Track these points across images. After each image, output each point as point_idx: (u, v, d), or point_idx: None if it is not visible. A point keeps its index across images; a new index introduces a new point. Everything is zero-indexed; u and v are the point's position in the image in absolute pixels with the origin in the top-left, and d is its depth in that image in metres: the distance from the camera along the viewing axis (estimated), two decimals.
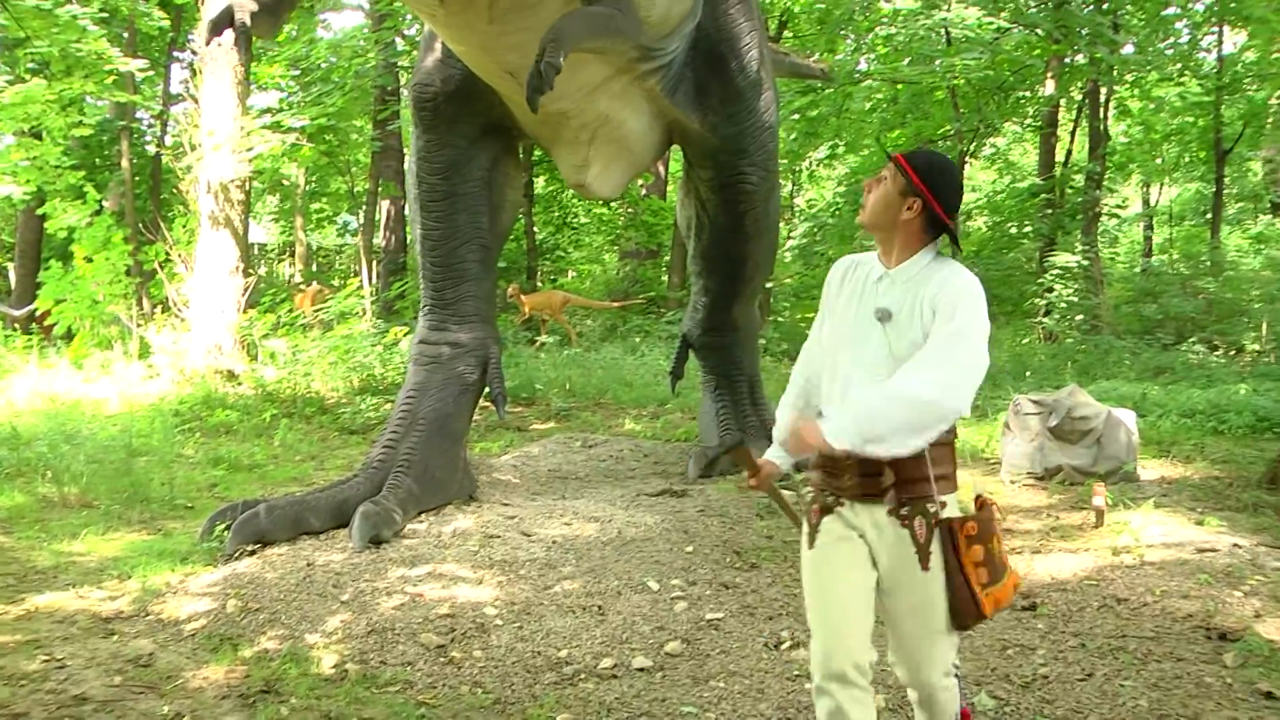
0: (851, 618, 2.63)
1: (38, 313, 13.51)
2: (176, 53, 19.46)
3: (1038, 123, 20.23)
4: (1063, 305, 17.05)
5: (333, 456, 8.23)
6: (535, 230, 20.28)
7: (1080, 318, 17.03)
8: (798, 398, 2.91)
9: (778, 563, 5.22)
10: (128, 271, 13.43)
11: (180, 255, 12.60)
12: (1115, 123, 23.38)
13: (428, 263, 6.37)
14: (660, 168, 20.31)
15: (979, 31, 14.49)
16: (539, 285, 19.65)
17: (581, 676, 3.88)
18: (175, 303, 12.26)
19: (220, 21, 4.10)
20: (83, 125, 11.35)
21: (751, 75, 6.60)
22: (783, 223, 19.91)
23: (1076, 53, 17.37)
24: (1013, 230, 20.87)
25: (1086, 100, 19.61)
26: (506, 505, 6.12)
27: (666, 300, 18.79)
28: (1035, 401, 7.24)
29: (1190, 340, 16.34)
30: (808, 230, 19.92)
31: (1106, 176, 20.64)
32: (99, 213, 13.46)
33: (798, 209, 25.82)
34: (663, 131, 6.65)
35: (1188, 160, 25.14)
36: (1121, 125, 23.92)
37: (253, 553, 5.10)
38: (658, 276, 20.83)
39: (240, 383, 10.89)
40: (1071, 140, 21.06)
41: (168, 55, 18.90)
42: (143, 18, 12.65)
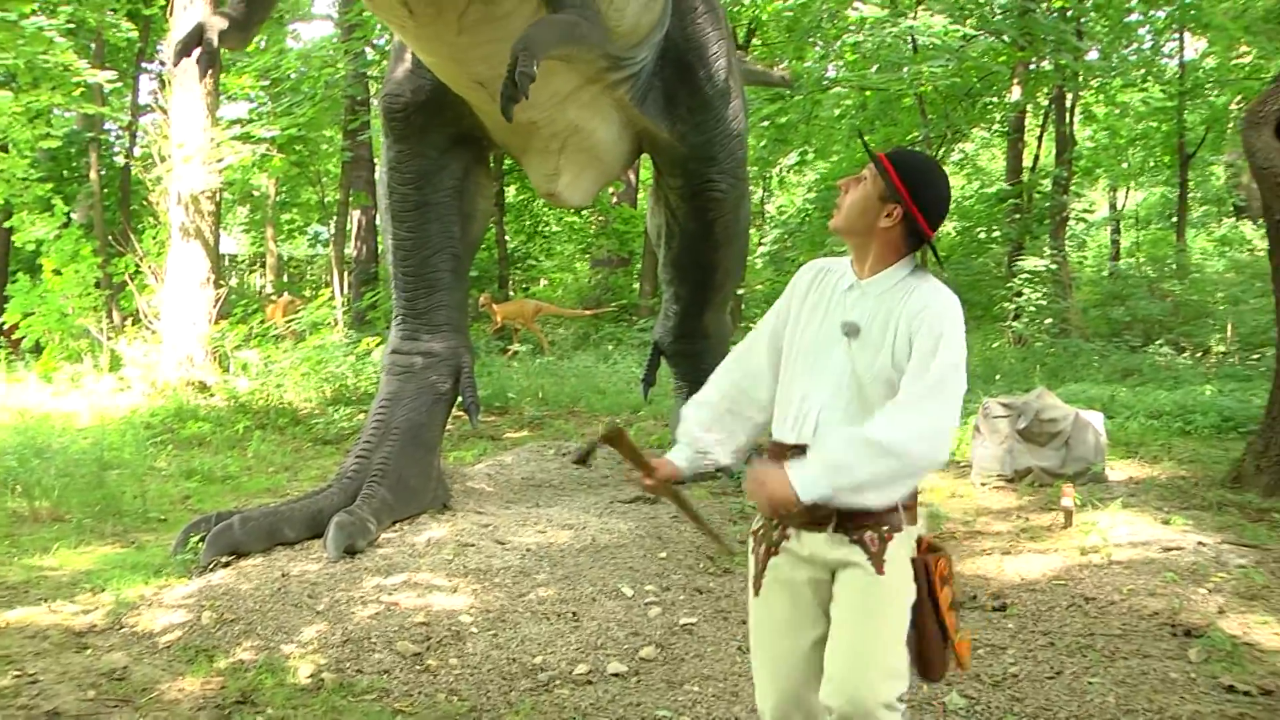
0: (804, 679, 2.51)
1: (5, 326, 13.42)
2: (145, 64, 19.38)
3: (1005, 128, 20.41)
4: (1031, 309, 17.20)
5: (306, 467, 8.22)
6: (507, 239, 20.31)
7: (1049, 321, 17.19)
8: (720, 402, 2.68)
9: None
10: (97, 284, 13.37)
11: (151, 267, 12.56)
12: (1081, 128, 23.63)
13: (400, 272, 6.38)
14: (631, 176, 20.36)
15: (945, 39, 14.62)
16: (511, 294, 19.68)
17: (557, 683, 3.90)
18: (146, 315, 12.21)
19: (189, 41, 4.10)
20: (50, 137, 11.27)
21: (720, 84, 6.65)
22: (753, 229, 20.00)
23: (1042, 59, 17.56)
24: (981, 235, 21.04)
25: (1052, 106, 19.83)
26: (481, 514, 6.14)
27: (638, 308, 18.85)
28: (1004, 404, 7.32)
29: (1157, 342, 16.53)
30: (778, 237, 20.03)
31: (1073, 181, 20.87)
32: (67, 225, 13.40)
33: (768, 215, 25.94)
34: (632, 140, 6.69)
35: (1152, 165, 25.42)
36: (1087, 130, 24.19)
37: (227, 564, 5.09)
38: (629, 284, 20.89)
39: (212, 394, 10.86)
40: (1039, 145, 21.28)
41: (136, 66, 18.80)
42: (111, 29, 12.60)
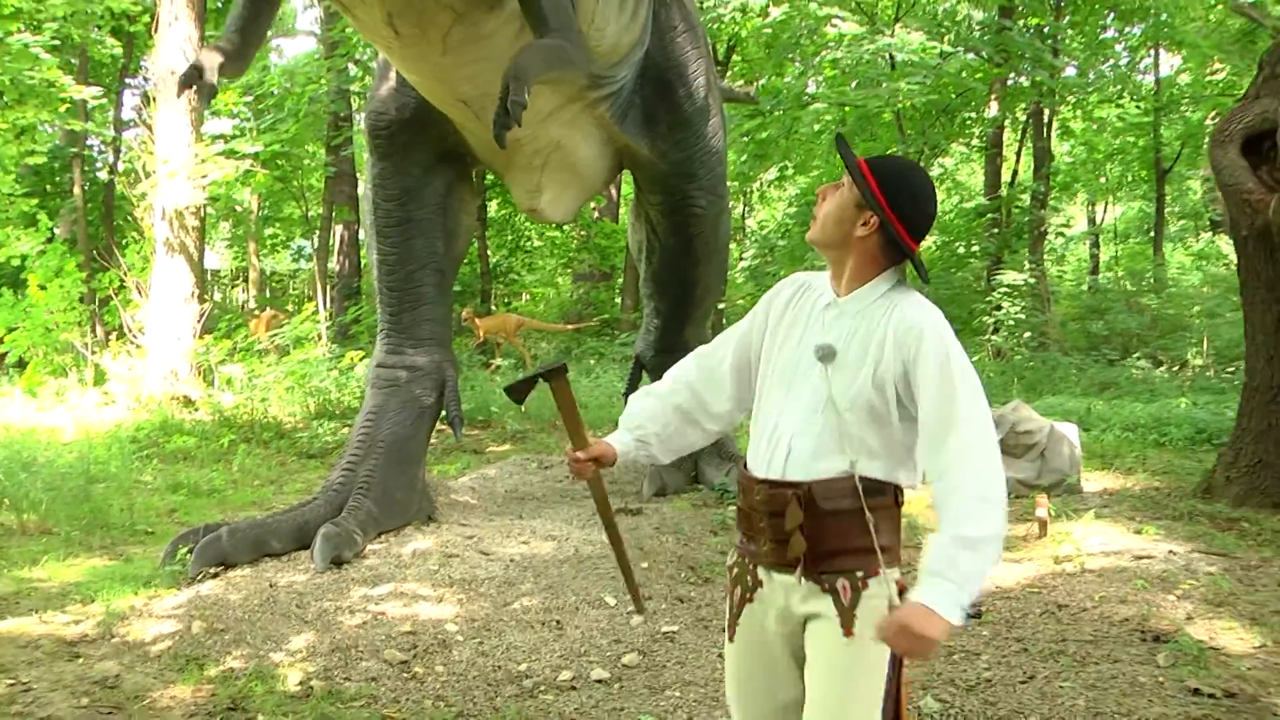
0: None
1: None
2: (128, 79, 19.43)
3: (983, 144, 20.63)
4: (1010, 323, 17.38)
5: (291, 480, 8.28)
6: (489, 254, 20.39)
7: (1028, 335, 17.38)
8: (669, 397, 2.52)
9: None
10: (81, 299, 13.40)
11: (135, 282, 12.59)
12: (1059, 143, 23.92)
13: (384, 288, 6.47)
14: (612, 191, 20.50)
15: (923, 56, 14.81)
16: (493, 309, 19.75)
17: (541, 689, 3.99)
18: (130, 329, 12.24)
19: (190, 76, 4.19)
20: (36, 154, 11.33)
21: (699, 102, 6.77)
22: (734, 244, 20.18)
23: (1019, 76, 17.78)
24: (960, 249, 21.24)
25: (1030, 121, 20.08)
26: (465, 525, 6.22)
27: (620, 322, 18.95)
28: None
29: (1134, 355, 16.75)
30: (759, 251, 20.20)
31: (1051, 196, 21.11)
32: (51, 240, 13.43)
33: (749, 230, 26.12)
34: (613, 157, 6.80)
35: (1130, 179, 25.75)
36: (1065, 145, 24.48)
37: (215, 575, 5.16)
38: (611, 299, 20.99)
39: (197, 408, 10.91)
40: (1017, 160, 21.53)
41: (119, 82, 18.86)
42: (96, 45, 12.66)
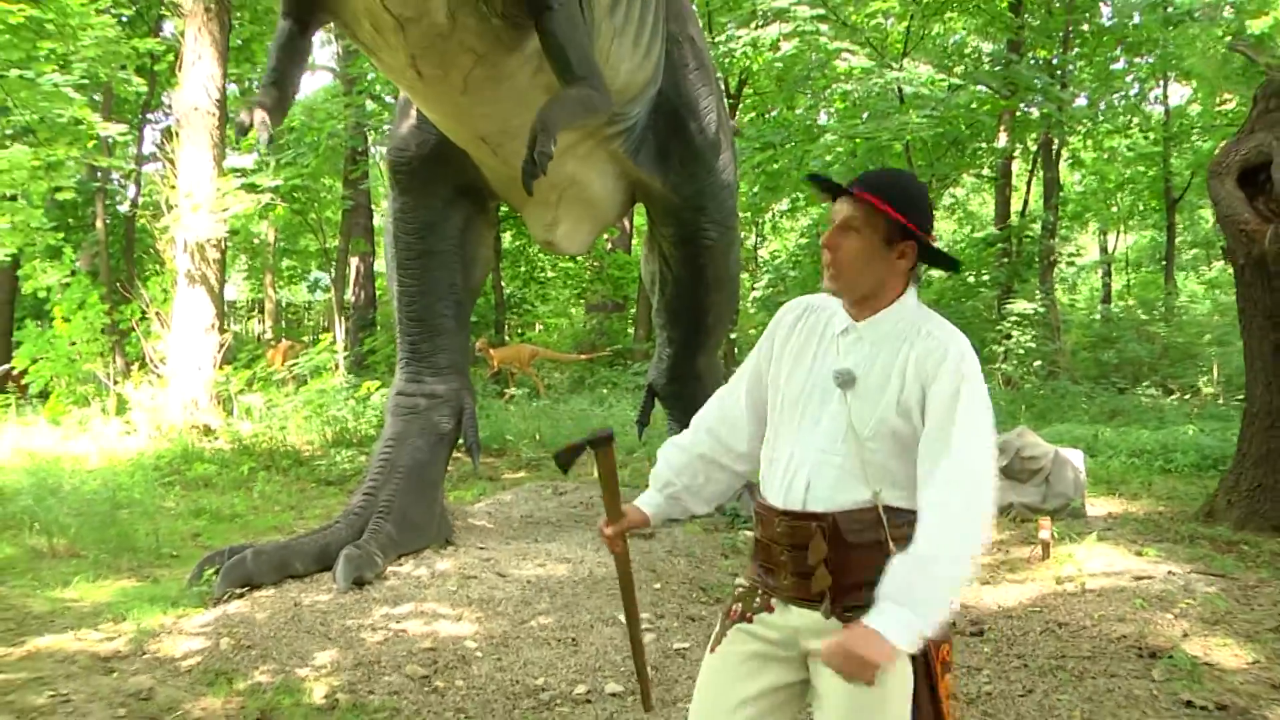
0: None
1: (14, 371, 13.70)
2: (149, 114, 19.80)
3: (994, 174, 20.82)
4: (1020, 352, 17.51)
5: (311, 506, 8.46)
6: (503, 285, 20.63)
7: (1038, 363, 17.51)
8: (694, 446, 2.46)
9: None
10: (104, 330, 13.66)
11: (157, 313, 12.84)
12: (1069, 172, 24.12)
13: (404, 318, 6.67)
14: (625, 222, 20.76)
15: (932, 88, 15.04)
16: (507, 339, 19.97)
17: (557, 702, 4.14)
18: (152, 360, 12.48)
19: (244, 125, 4.49)
20: (67, 189, 11.63)
21: (710, 137, 6.98)
22: (746, 274, 20.39)
23: (1029, 107, 18.00)
24: (970, 279, 21.40)
25: (1040, 151, 20.27)
26: (482, 548, 6.38)
27: (633, 352, 19.15)
28: None
29: (1144, 384, 16.87)
30: (771, 281, 20.40)
31: (1062, 225, 21.30)
32: (74, 273, 13.72)
33: (761, 260, 26.33)
34: (627, 191, 7.01)
35: (1141, 208, 25.92)
36: (1077, 175, 24.68)
37: (241, 595, 5.34)
38: (624, 329, 21.21)
39: (216, 437, 11.11)
40: (1028, 190, 21.72)
41: (141, 117, 19.22)
42: (122, 84, 12.99)
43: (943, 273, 23.05)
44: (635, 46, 5.88)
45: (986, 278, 20.58)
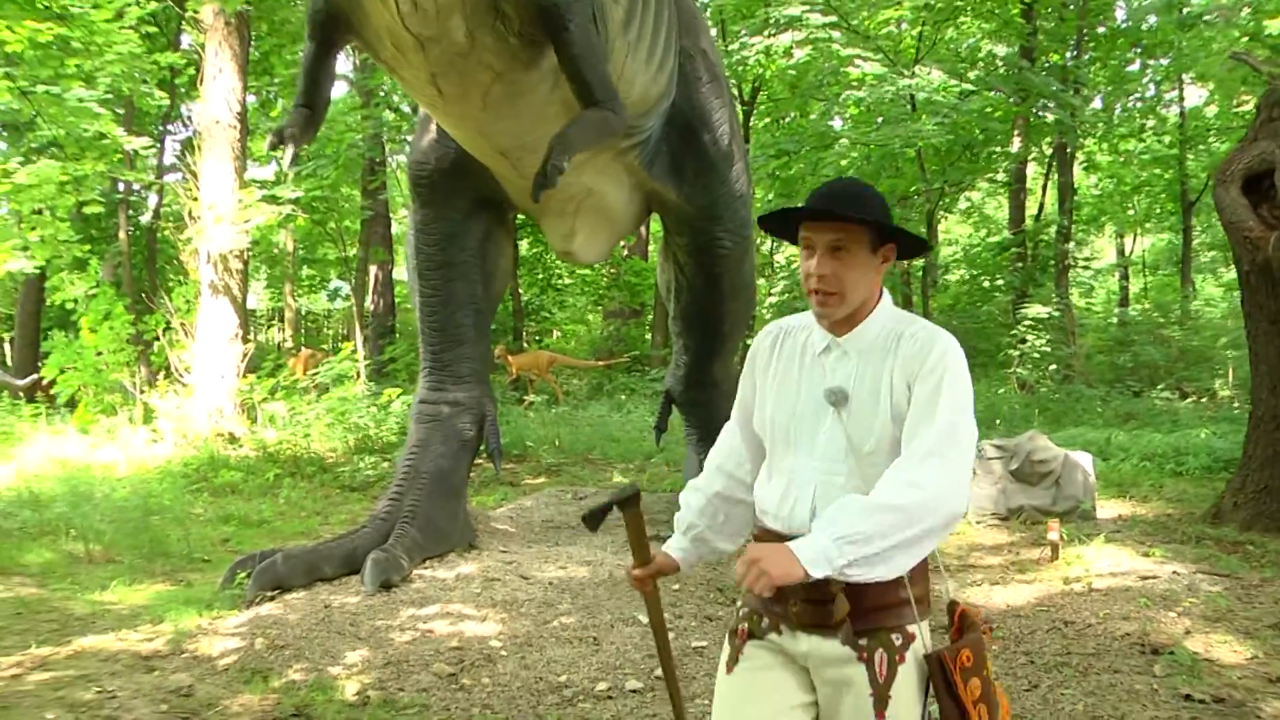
0: None
1: (43, 381, 13.96)
2: (169, 125, 20.08)
3: (1008, 179, 20.91)
4: (1035, 355, 17.60)
5: (336, 512, 8.66)
6: (521, 292, 20.83)
7: (1053, 367, 17.59)
8: (709, 485, 2.47)
9: None
10: (130, 340, 13.90)
11: (181, 323, 13.08)
12: (1085, 176, 24.16)
13: (426, 327, 6.85)
14: (642, 230, 20.93)
15: (944, 95, 15.17)
16: (525, 346, 20.17)
17: (580, 698, 4.31)
18: (176, 369, 12.71)
19: (275, 140, 4.73)
20: (93, 203, 11.88)
21: (723, 148, 7.13)
22: (763, 280, 20.52)
23: (1041, 113, 18.09)
24: (985, 284, 21.50)
25: (1054, 156, 20.35)
26: (505, 552, 6.56)
27: (650, 358, 19.33)
28: (997, 446, 7.74)
29: (1159, 387, 16.93)
30: (787, 287, 20.52)
31: (1078, 229, 21.36)
32: (101, 284, 13.98)
33: (778, 266, 26.46)
34: (642, 201, 7.17)
35: (1158, 211, 25.92)
36: (1092, 178, 24.70)
37: (272, 598, 5.52)
38: (641, 335, 21.38)
39: (241, 445, 11.32)
40: (1043, 194, 21.80)
41: (162, 129, 19.50)
42: (144, 98, 13.24)
43: (963, 278, 23.35)
44: (649, 61, 6.04)
45: (1001, 282, 20.69)
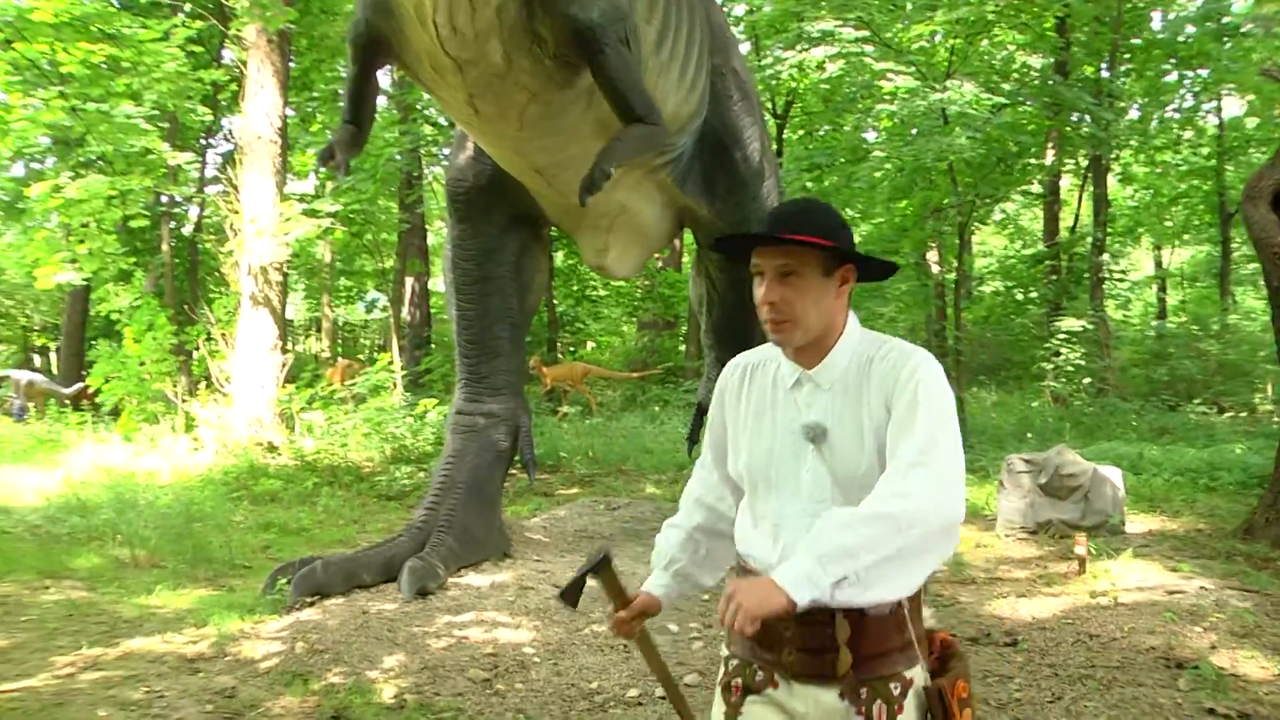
0: None
1: (88, 390, 14.28)
2: (210, 138, 20.46)
3: (1042, 191, 20.85)
4: (1069, 369, 17.54)
5: (373, 520, 8.82)
6: (556, 303, 21.00)
7: (1087, 381, 17.52)
8: (688, 521, 2.36)
9: None
10: (172, 350, 14.19)
11: (222, 333, 13.32)
12: (1121, 187, 24.04)
13: (463, 340, 7.00)
14: (676, 241, 21.04)
15: (976, 108, 15.17)
16: (560, 357, 20.33)
17: (611, 704, 4.42)
18: (217, 379, 12.95)
19: (326, 154, 4.95)
20: (139, 216, 12.17)
21: (754, 165, 7.24)
22: None
23: (1079, 123, 18.03)
24: (1019, 296, 21.44)
25: (1090, 168, 20.27)
26: (539, 561, 6.68)
27: (684, 370, 19.42)
28: (1026, 460, 7.78)
29: (1195, 401, 16.82)
30: None
31: (1114, 241, 21.25)
32: (144, 295, 14.29)
33: None
34: (675, 217, 7.29)
35: (1196, 223, 25.72)
36: (1129, 189, 24.56)
37: (312, 603, 5.67)
38: (675, 347, 21.48)
39: (280, 453, 11.52)
40: (1078, 206, 21.72)
41: (204, 142, 19.87)
42: (188, 114, 13.54)
43: (994, 291, 23.28)
44: (681, 80, 6.17)
45: (1035, 295, 20.63)
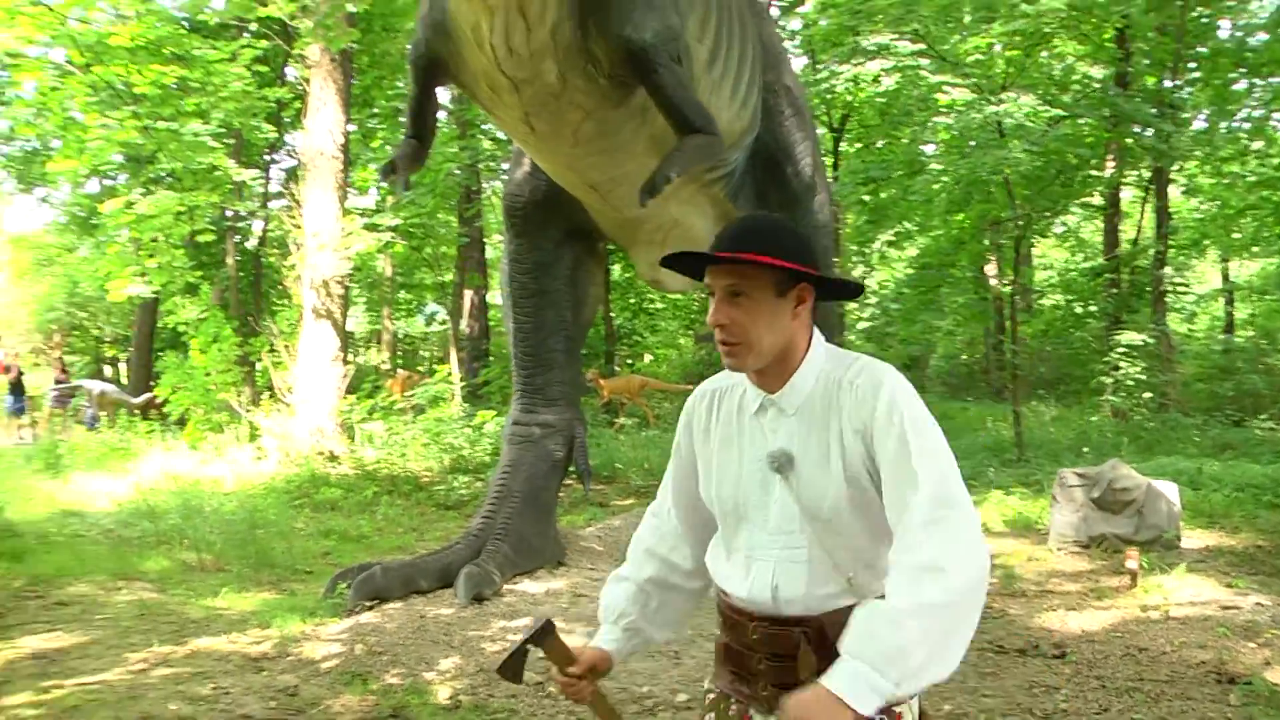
0: None
1: (156, 400, 14.68)
2: (273, 154, 20.91)
3: (1103, 203, 20.64)
4: (1129, 383, 17.33)
5: (431, 529, 9.00)
6: (613, 316, 21.16)
7: (1148, 395, 17.30)
8: (637, 573, 2.23)
9: None
10: (236, 361, 14.54)
11: (284, 345, 13.63)
12: (1185, 199, 23.68)
13: (519, 352, 7.15)
14: None
15: (1034, 120, 15.10)
16: (617, 370, 20.48)
17: (661, 708, 4.52)
18: (280, 390, 13.25)
19: (389, 169, 5.17)
20: (206, 231, 12.53)
21: (806, 180, 7.32)
22: (854, 304, 20.54)
23: (1142, 135, 17.83)
24: (1078, 309, 21.22)
25: (1152, 180, 20.01)
26: (592, 569, 6.80)
27: None
28: (1079, 474, 7.76)
29: (1262, 416, 16.54)
30: (873, 315, 20.50)
31: (1179, 253, 20.94)
32: (210, 307, 14.68)
33: (870, 291, 26.39)
34: None
35: (1266, 235, 25.25)
36: (1194, 201, 24.17)
37: (371, 607, 5.84)
38: None
39: (340, 463, 11.77)
40: (1140, 218, 21.44)
41: (268, 158, 20.33)
42: (253, 131, 13.90)
43: (1055, 304, 23.07)
44: (733, 97, 6.28)
45: (1094, 308, 20.42)
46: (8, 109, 13.70)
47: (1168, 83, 18.49)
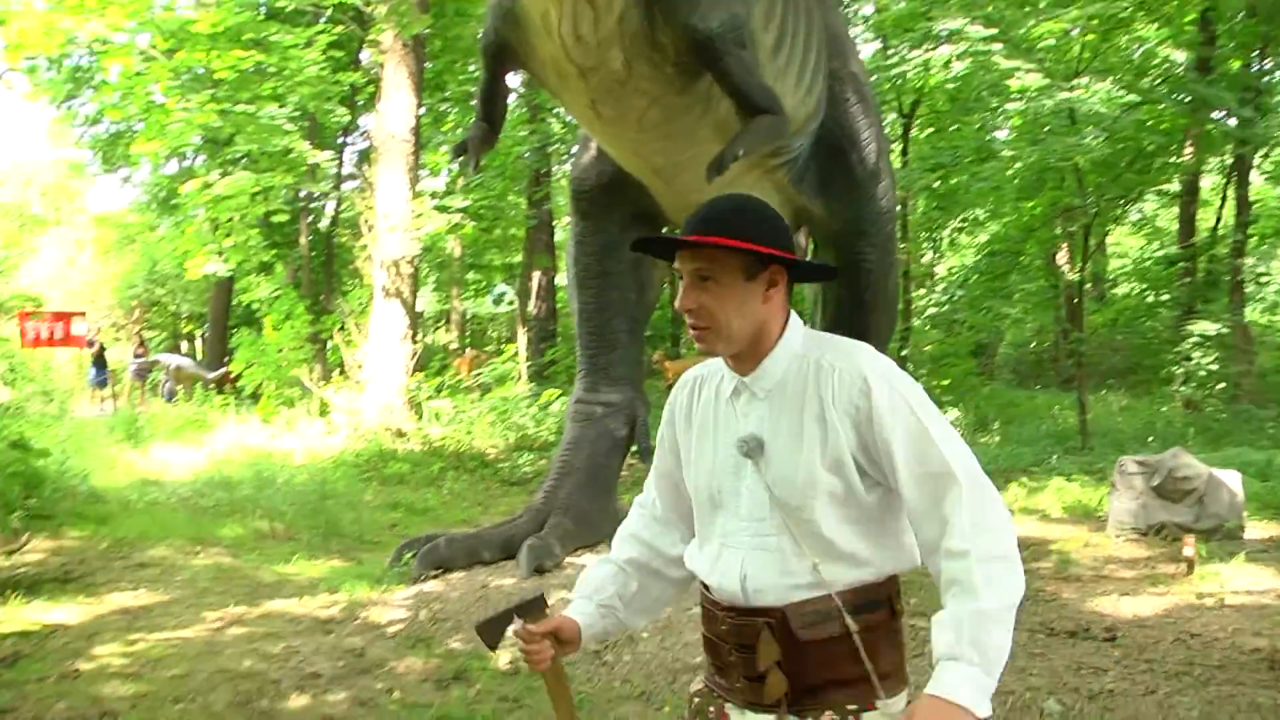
0: None
1: (230, 375, 15.11)
2: (346, 137, 21.26)
3: (1178, 191, 20.28)
4: (1202, 373, 17.06)
5: (495, 504, 9.22)
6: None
7: (1221, 386, 17.01)
8: (621, 556, 2.19)
9: None
10: (308, 338, 14.91)
11: (355, 323, 13.95)
12: (1271, 186, 23.15)
13: (583, 332, 7.30)
14: (801, 238, 21.07)
15: (1108, 107, 14.87)
16: (683, 352, 20.58)
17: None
18: (350, 367, 13.57)
19: (460, 149, 5.38)
20: (281, 211, 12.86)
21: (870, 166, 7.36)
22: (921, 289, 20.45)
23: (1218, 123, 17.48)
24: (1150, 298, 20.90)
25: (1233, 167, 19.60)
26: None
27: None
28: (1139, 462, 7.75)
29: None
30: (939, 301, 20.35)
31: (1260, 242, 20.50)
32: (283, 286, 15.07)
33: (938, 276, 26.17)
34: (790, 217, 7.44)
35: None
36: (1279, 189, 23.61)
37: (435, 576, 6.04)
38: None
39: (408, 439, 12.04)
40: (1220, 207, 21.02)
41: (341, 140, 20.68)
42: (327, 114, 14.20)
43: (1127, 293, 22.71)
44: (798, 85, 6.34)
45: (1167, 297, 20.10)
46: (96, 93, 14.15)
47: (1254, 66, 18.11)
